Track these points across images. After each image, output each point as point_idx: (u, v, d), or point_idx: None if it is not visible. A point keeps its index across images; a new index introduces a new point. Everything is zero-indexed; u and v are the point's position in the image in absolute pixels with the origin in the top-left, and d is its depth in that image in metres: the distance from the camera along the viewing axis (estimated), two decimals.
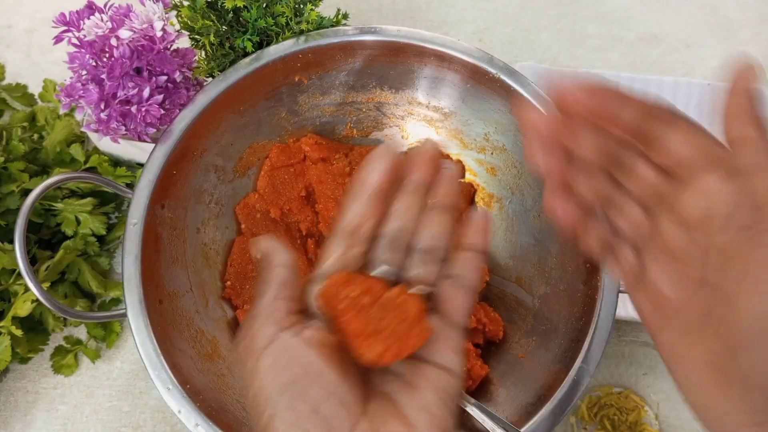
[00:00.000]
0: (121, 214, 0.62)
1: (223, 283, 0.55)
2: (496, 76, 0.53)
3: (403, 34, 0.55)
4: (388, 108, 0.60)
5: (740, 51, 0.76)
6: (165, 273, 0.49)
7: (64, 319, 0.57)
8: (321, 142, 0.59)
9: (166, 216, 0.51)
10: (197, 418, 0.42)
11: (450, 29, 0.76)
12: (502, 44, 0.75)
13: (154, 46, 0.52)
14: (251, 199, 0.57)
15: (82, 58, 0.51)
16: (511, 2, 0.79)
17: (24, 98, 0.66)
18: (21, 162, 0.56)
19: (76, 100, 0.52)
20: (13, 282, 0.53)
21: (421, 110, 0.60)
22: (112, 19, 0.51)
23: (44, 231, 0.57)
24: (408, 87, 0.59)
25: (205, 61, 0.56)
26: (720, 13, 0.79)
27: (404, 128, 0.61)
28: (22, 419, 0.54)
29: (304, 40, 0.54)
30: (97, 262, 0.58)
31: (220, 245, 0.56)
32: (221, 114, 0.53)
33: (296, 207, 0.57)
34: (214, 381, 0.48)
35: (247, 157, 0.57)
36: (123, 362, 0.56)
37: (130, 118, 0.52)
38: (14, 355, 0.52)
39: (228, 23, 0.55)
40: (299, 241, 0.57)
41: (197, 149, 0.53)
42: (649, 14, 0.79)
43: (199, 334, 0.50)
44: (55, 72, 0.69)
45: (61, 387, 0.55)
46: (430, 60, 0.56)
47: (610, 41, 0.77)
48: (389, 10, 0.77)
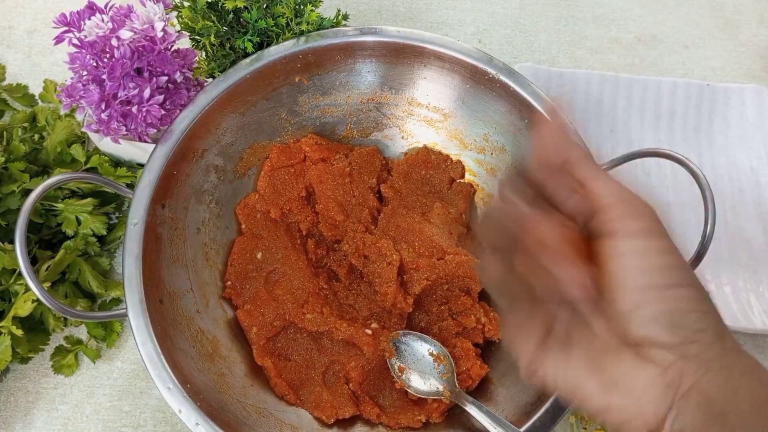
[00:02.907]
0: (122, 214, 0.62)
1: (224, 282, 0.55)
2: (496, 77, 0.53)
3: (403, 34, 0.55)
4: (388, 108, 0.60)
5: (739, 51, 0.77)
6: (165, 273, 0.50)
7: (64, 319, 0.57)
8: (321, 143, 0.59)
9: (167, 216, 0.51)
10: (198, 418, 0.43)
11: (449, 30, 0.77)
12: (501, 45, 0.76)
13: (155, 47, 0.52)
14: (251, 199, 0.57)
15: (82, 59, 0.51)
16: (510, 4, 0.79)
17: (25, 99, 0.66)
18: (22, 162, 0.56)
19: (76, 100, 0.52)
20: (13, 282, 0.53)
21: (421, 110, 0.60)
22: (113, 20, 0.51)
23: (45, 231, 0.57)
24: (408, 87, 0.59)
25: (206, 61, 0.56)
26: (718, 14, 0.79)
27: (404, 128, 0.61)
28: (23, 419, 0.54)
29: (305, 41, 0.54)
30: (98, 262, 0.58)
31: (220, 245, 0.56)
32: (222, 114, 0.54)
33: (296, 207, 0.57)
34: (215, 380, 0.48)
35: (248, 157, 0.58)
36: (123, 362, 0.56)
37: (130, 119, 0.52)
38: (15, 355, 0.52)
39: (228, 24, 0.55)
40: (299, 241, 0.57)
41: (198, 149, 0.53)
42: (648, 16, 0.79)
43: (199, 334, 0.50)
44: (55, 72, 0.69)
45: (61, 387, 0.55)
46: (429, 60, 0.56)
47: (609, 42, 0.77)
48: (389, 12, 0.77)
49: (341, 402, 0.50)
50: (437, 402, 0.50)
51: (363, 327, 0.52)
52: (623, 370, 0.28)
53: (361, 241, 0.54)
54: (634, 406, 0.28)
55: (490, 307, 0.54)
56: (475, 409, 0.47)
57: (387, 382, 0.52)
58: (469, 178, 0.60)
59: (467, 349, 0.52)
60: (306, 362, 0.53)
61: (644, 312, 0.27)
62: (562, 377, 0.30)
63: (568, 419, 0.55)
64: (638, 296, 0.27)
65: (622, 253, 0.27)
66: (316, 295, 0.54)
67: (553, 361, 0.31)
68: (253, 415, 0.47)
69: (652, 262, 0.27)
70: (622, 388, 0.28)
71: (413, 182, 0.59)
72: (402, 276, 0.53)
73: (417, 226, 0.55)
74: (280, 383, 0.51)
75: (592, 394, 0.29)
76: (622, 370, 0.28)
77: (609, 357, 0.29)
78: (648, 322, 0.27)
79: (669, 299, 0.27)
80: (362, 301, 0.55)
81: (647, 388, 0.27)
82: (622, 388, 0.28)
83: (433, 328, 0.54)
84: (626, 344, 0.28)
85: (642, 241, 0.27)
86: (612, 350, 0.29)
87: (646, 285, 0.27)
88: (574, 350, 0.30)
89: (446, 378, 0.50)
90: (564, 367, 0.30)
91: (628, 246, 0.27)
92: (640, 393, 0.28)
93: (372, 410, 0.50)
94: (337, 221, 0.56)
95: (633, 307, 0.27)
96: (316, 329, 0.52)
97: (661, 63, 0.76)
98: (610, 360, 0.29)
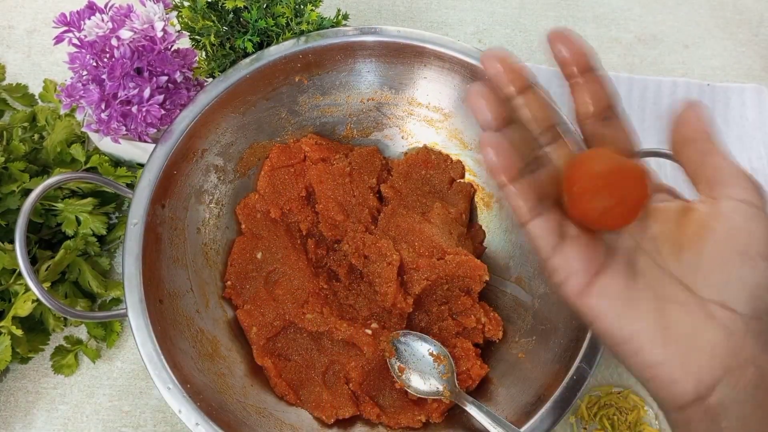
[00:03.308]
0: (122, 214, 0.62)
1: (224, 282, 0.55)
2: None
3: (403, 34, 0.55)
4: (388, 108, 0.60)
5: (739, 51, 0.77)
6: (165, 273, 0.50)
7: (64, 319, 0.57)
8: (321, 143, 0.59)
9: (167, 216, 0.51)
10: (197, 418, 0.43)
11: (449, 30, 0.77)
12: (501, 45, 0.76)
13: (155, 47, 0.52)
14: (251, 199, 0.57)
15: (82, 59, 0.51)
16: (510, 3, 0.79)
17: (24, 98, 0.66)
18: (21, 162, 0.56)
19: (76, 100, 0.52)
20: (13, 282, 0.53)
21: (421, 110, 0.60)
22: (113, 20, 0.51)
23: (45, 231, 0.57)
24: (408, 87, 0.59)
25: (206, 61, 0.56)
26: (718, 14, 0.79)
27: (404, 128, 0.61)
28: (23, 419, 0.54)
29: (305, 41, 0.54)
30: (98, 262, 0.58)
31: (220, 245, 0.56)
32: (222, 114, 0.54)
33: (296, 207, 0.57)
34: (215, 380, 0.48)
35: (248, 157, 0.58)
36: (123, 362, 0.56)
37: (130, 119, 0.52)
38: (14, 355, 0.52)
39: (228, 24, 0.55)
40: (299, 241, 0.57)
41: (198, 149, 0.53)
42: (648, 15, 0.79)
43: (199, 334, 0.50)
44: (55, 72, 0.69)
45: (61, 387, 0.55)
46: (429, 60, 0.56)
47: (609, 42, 0.77)
48: (389, 11, 0.77)
49: (341, 402, 0.50)
50: (437, 402, 0.50)
51: (363, 327, 0.52)
52: (690, 325, 0.27)
53: (361, 241, 0.54)
54: (692, 366, 0.27)
55: (489, 307, 0.55)
56: (475, 409, 0.47)
57: (387, 382, 0.52)
58: (470, 178, 0.60)
59: (467, 349, 0.52)
60: (306, 362, 0.53)
61: (733, 274, 0.27)
62: (616, 315, 0.28)
63: (568, 419, 0.55)
64: (734, 257, 0.27)
65: (733, 213, 0.27)
66: (316, 295, 0.54)
67: (611, 288, 0.29)
68: (253, 415, 0.47)
69: (759, 230, 0.27)
70: (684, 343, 0.27)
71: (413, 182, 0.59)
72: (402, 276, 0.53)
73: (417, 226, 0.54)
74: (280, 383, 0.51)
75: (650, 343, 0.28)
76: (688, 324, 0.27)
77: (676, 307, 0.28)
78: (733, 284, 0.27)
79: (761, 270, 0.27)
80: (362, 301, 0.55)
81: (712, 349, 0.27)
82: (684, 344, 0.27)
83: (433, 328, 0.54)
84: (696, 299, 0.27)
85: (753, 208, 0.27)
86: (681, 301, 0.28)
87: (746, 250, 0.27)
88: (640, 285, 0.29)
89: (446, 378, 0.50)
90: (623, 304, 0.28)
91: (740, 208, 0.27)
92: (702, 353, 0.27)
93: (372, 410, 0.50)
94: (337, 221, 0.56)
95: (725, 266, 0.27)
96: (316, 329, 0.52)
97: (661, 63, 0.75)
98: (676, 310, 0.28)
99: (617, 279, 0.29)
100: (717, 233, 0.27)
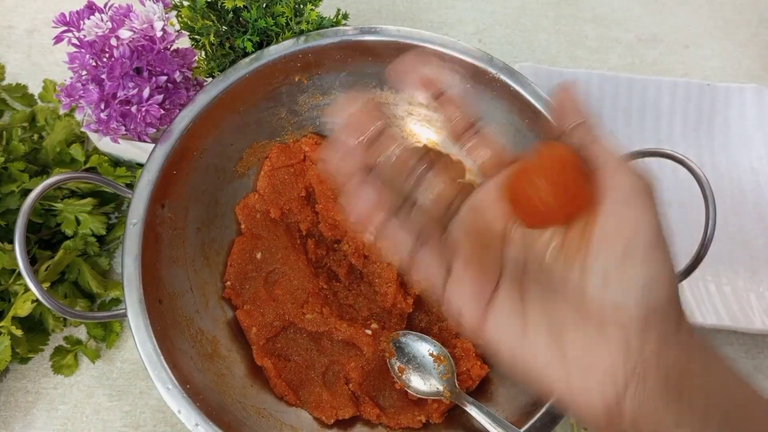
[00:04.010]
0: (121, 214, 0.62)
1: (223, 283, 0.55)
2: (496, 77, 0.53)
3: (403, 34, 0.55)
4: (388, 108, 0.60)
5: (739, 51, 0.76)
6: (165, 273, 0.50)
7: (64, 319, 0.57)
8: (321, 142, 0.59)
9: (166, 216, 0.51)
10: (197, 418, 0.42)
11: (450, 30, 0.77)
12: (501, 45, 0.76)
13: (154, 46, 0.52)
14: (251, 199, 0.57)
15: (82, 59, 0.51)
16: (510, 3, 0.79)
17: (24, 98, 0.66)
18: (21, 162, 0.56)
19: (76, 100, 0.52)
20: (13, 282, 0.53)
21: (421, 110, 0.60)
22: (112, 20, 0.51)
23: (44, 231, 0.57)
24: None
25: (205, 61, 0.56)
26: (718, 14, 0.79)
27: (404, 128, 0.61)
28: (23, 419, 0.54)
29: (304, 40, 0.54)
30: (97, 262, 0.58)
31: (220, 245, 0.56)
32: (221, 114, 0.54)
33: (296, 207, 0.57)
34: (214, 381, 0.48)
35: (247, 157, 0.58)
36: (123, 362, 0.56)
37: (130, 118, 0.52)
38: (14, 355, 0.52)
39: (228, 23, 0.55)
40: (299, 241, 0.57)
41: (197, 149, 0.53)
42: (648, 15, 0.79)
43: (199, 334, 0.50)
44: (55, 72, 0.69)
45: (61, 387, 0.55)
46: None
47: (609, 42, 0.77)
48: (389, 11, 0.77)
49: (341, 402, 0.50)
50: (437, 402, 0.50)
51: (363, 327, 0.52)
52: (582, 343, 0.26)
53: (361, 241, 0.54)
54: (593, 385, 0.26)
55: None
56: (476, 409, 0.47)
57: (387, 383, 0.52)
58: (470, 178, 0.60)
59: (467, 349, 0.52)
60: (306, 362, 0.53)
61: (625, 273, 0.25)
62: (515, 345, 0.27)
63: (568, 419, 0.55)
64: (620, 255, 0.25)
65: (615, 206, 0.26)
66: (316, 295, 0.54)
67: (505, 316, 0.28)
68: (252, 416, 0.47)
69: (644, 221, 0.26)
70: (580, 364, 0.26)
71: None
72: (402, 276, 0.53)
73: None
74: (279, 384, 0.51)
75: (552, 369, 0.27)
76: (580, 343, 0.26)
77: (568, 326, 0.27)
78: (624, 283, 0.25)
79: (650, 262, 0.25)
80: (362, 302, 0.55)
81: (610, 364, 0.25)
82: (580, 364, 0.26)
83: (433, 329, 0.54)
84: (585, 312, 0.26)
85: (636, 198, 0.26)
86: (570, 318, 0.27)
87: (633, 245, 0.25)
88: (530, 308, 0.28)
89: (446, 378, 0.50)
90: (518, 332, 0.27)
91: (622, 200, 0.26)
92: (597, 371, 0.26)
93: (372, 411, 0.50)
94: (337, 221, 0.56)
95: (612, 265, 0.25)
96: (315, 329, 0.52)
97: (661, 63, 0.75)
98: (568, 329, 0.27)
99: (509, 305, 0.28)
100: (601, 232, 0.26)
